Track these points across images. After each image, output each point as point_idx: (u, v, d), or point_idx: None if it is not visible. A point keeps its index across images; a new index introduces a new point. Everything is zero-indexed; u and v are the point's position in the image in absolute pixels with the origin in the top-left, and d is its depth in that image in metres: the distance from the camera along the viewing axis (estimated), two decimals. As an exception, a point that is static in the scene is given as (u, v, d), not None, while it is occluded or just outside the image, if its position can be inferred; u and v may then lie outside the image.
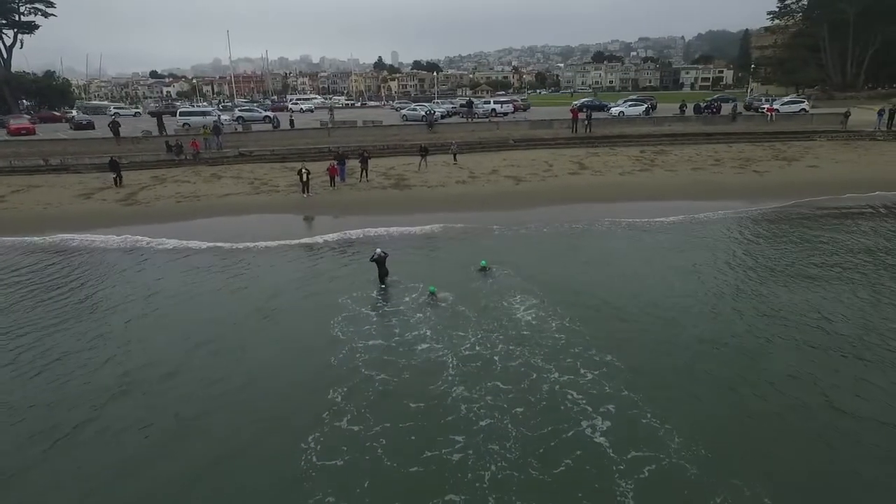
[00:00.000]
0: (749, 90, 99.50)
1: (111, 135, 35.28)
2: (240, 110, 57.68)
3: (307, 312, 13.81)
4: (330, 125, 41.61)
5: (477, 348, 11.64)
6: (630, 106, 53.79)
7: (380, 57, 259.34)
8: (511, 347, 11.65)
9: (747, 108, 53.83)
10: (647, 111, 48.03)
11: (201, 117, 47.81)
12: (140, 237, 20.83)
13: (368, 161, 28.59)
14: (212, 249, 19.27)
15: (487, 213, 23.53)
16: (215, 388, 10.47)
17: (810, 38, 71.31)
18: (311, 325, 12.99)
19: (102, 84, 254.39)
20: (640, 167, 31.55)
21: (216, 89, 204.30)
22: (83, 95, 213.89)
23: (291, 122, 42.50)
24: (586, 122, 38.64)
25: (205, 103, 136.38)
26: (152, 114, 53.45)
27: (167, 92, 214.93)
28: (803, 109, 48.11)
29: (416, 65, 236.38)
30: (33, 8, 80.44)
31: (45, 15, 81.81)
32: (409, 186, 27.98)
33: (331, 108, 53.06)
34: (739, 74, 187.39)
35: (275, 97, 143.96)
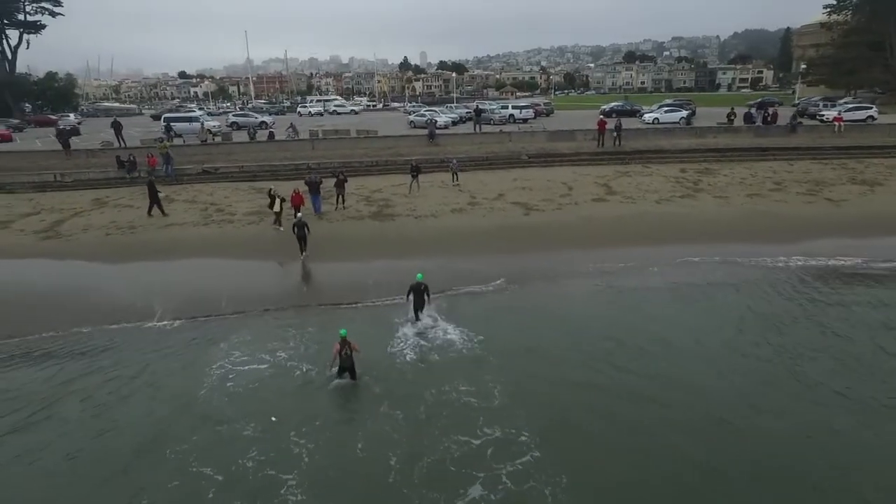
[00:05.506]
0: (795, 92, 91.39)
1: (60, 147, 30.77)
2: (233, 115, 53.31)
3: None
4: (293, 137, 36.33)
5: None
6: (666, 112, 47.37)
7: (405, 57, 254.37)
8: None
9: (801, 114, 46.75)
10: (688, 119, 41.29)
11: (187, 124, 43.56)
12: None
13: (345, 184, 23.29)
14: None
15: (476, 257, 18.06)
16: None
17: (871, 34, 63.30)
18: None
19: (133, 84, 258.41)
20: (681, 192, 25.59)
21: (242, 90, 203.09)
22: (114, 96, 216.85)
23: (271, 134, 37.27)
24: (615, 134, 32.63)
25: (227, 104, 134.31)
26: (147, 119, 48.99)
27: (194, 92, 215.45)
28: (871, 117, 41.16)
29: (442, 65, 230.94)
30: (40, 7, 78.09)
31: (53, 14, 79.40)
32: (392, 216, 22.66)
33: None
34: (781, 75, 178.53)
35: (298, 97, 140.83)
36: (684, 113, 45.55)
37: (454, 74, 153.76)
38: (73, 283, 16.67)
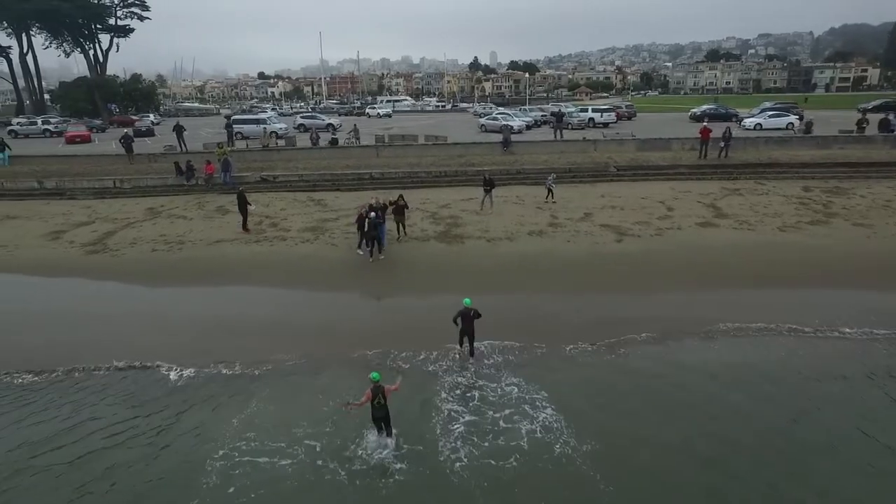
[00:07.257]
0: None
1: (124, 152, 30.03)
2: (301, 117, 52.40)
3: None
4: (355, 143, 34.15)
5: None
6: (770, 117, 41.70)
7: (475, 57, 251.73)
8: None
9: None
10: (807, 126, 35.11)
11: (255, 126, 42.76)
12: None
13: (405, 212, 19.58)
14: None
15: (562, 297, 14.85)
16: None
17: None
18: None
19: (216, 85, 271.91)
20: (809, 217, 21.08)
21: (315, 90, 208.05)
22: (198, 96, 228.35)
23: (334, 140, 35.08)
24: (722, 144, 28.04)
25: (301, 104, 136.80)
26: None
27: (271, 92, 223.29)
28: None
29: (513, 65, 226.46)
30: (129, 12, 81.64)
31: (141, 19, 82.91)
32: (460, 238, 19.75)
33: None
34: (889, 73, 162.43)
35: (369, 98, 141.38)
36: (791, 118, 39.87)
37: (525, 74, 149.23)
38: (95, 310, 14.86)
